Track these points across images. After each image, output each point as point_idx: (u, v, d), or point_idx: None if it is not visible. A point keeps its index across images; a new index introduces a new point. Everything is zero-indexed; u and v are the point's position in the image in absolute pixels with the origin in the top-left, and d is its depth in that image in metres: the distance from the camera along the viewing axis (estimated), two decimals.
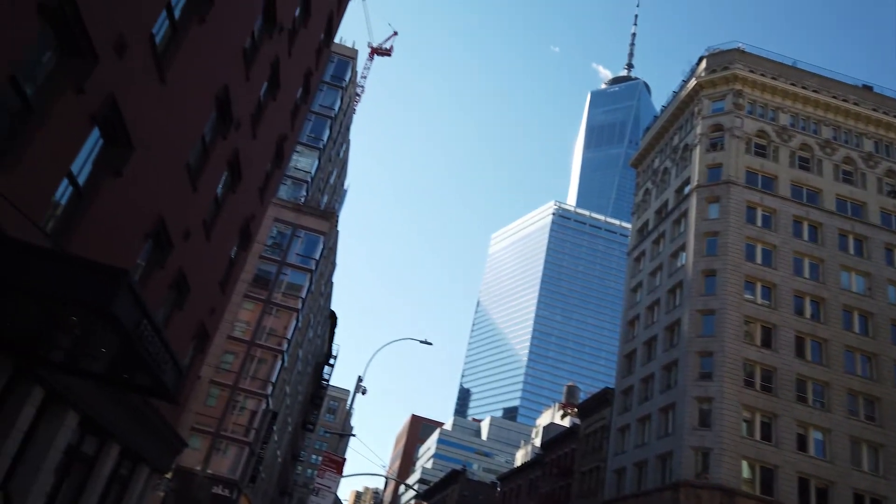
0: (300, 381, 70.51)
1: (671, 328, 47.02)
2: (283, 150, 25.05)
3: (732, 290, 43.92)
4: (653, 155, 62.74)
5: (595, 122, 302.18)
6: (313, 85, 27.79)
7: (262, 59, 18.91)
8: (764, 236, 46.82)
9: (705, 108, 53.19)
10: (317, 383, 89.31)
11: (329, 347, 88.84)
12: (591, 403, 59.46)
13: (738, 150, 49.83)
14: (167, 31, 12.55)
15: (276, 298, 47.35)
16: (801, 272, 46.12)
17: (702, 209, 48.51)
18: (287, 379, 55.12)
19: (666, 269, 51.00)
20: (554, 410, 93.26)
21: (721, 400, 40.18)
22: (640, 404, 48.20)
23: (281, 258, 48.43)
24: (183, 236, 16.45)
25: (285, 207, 49.62)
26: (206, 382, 42.20)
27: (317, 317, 67.99)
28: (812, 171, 50.65)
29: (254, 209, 23.35)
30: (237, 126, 17.96)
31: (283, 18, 19.60)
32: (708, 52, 56.24)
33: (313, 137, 55.30)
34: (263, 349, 45.85)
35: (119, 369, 11.37)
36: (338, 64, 59.88)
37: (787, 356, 42.51)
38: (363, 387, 34.10)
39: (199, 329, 20.68)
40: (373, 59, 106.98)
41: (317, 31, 25.39)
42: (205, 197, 17.40)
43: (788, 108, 52.94)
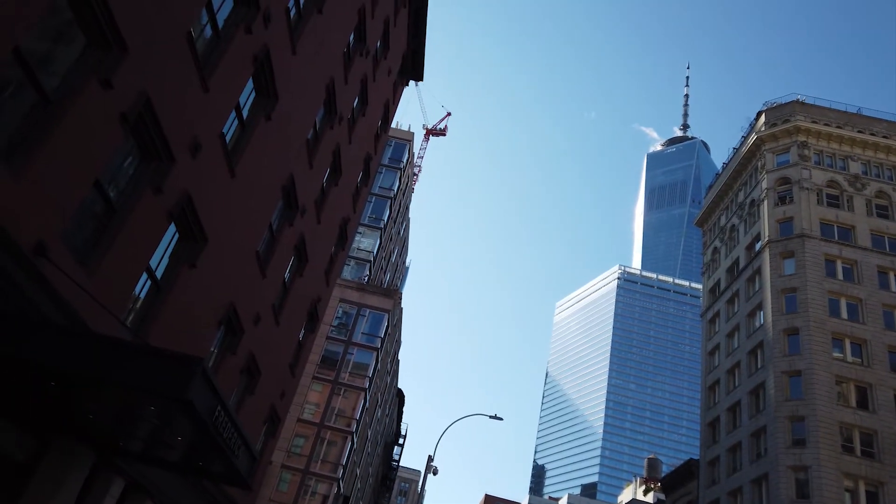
0: (370, 462, 69.60)
1: (755, 392, 44.34)
2: (346, 232, 25.77)
3: (819, 349, 41.32)
4: (718, 213, 61.24)
5: (654, 184, 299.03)
6: (373, 168, 28.79)
7: (325, 148, 19.80)
8: (847, 289, 44.29)
9: (769, 162, 51.95)
10: (387, 464, 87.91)
11: (398, 427, 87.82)
12: (675, 477, 56.04)
13: (808, 202, 48.07)
14: (236, 129, 13.37)
15: (343, 378, 47.56)
16: (893, 326, 43.11)
17: (776, 265, 46.55)
18: (357, 461, 54.51)
19: (744, 329, 48.66)
20: (636, 486, 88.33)
21: (818, 469, 37.10)
22: (728, 476, 45.03)
23: (347, 338, 48.94)
24: (253, 322, 16.90)
25: (350, 287, 50.57)
26: (277, 467, 42.18)
27: (384, 395, 67.71)
28: (892, 219, 48.13)
29: (320, 291, 23.87)
30: (302, 212, 18.65)
31: (342, 109, 20.61)
32: (766, 107, 55.46)
33: (374, 218, 56.82)
34: (333, 431, 45.72)
35: (194, 457, 11.51)
36: (395, 147, 62.07)
37: (888, 417, 39.18)
38: (434, 466, 33.28)
39: (270, 413, 20.87)
40: (428, 139, 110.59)
41: (374, 118, 26.53)
42: (273, 282, 17.94)
43: (858, 155, 51.09)
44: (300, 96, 16.47)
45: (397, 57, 27.85)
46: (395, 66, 27.88)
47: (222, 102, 12.25)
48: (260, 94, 14.13)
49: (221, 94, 12.08)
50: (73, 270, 8.95)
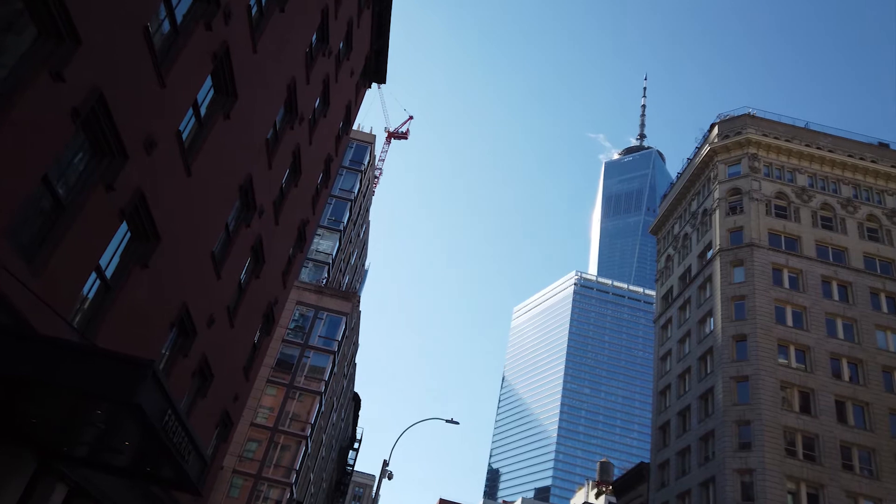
0: (324, 467, 68.84)
1: (705, 397, 45.54)
2: (304, 233, 25.49)
3: (765, 355, 42.71)
4: (672, 221, 62.76)
5: (611, 192, 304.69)
6: (333, 170, 28.56)
7: (284, 149, 19.56)
8: (793, 298, 45.90)
9: (721, 173, 53.50)
10: (341, 469, 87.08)
11: (353, 431, 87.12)
12: (627, 480, 57.07)
13: (758, 213, 49.68)
14: (193, 127, 13.10)
15: (298, 382, 46.94)
16: (835, 333, 44.85)
17: (726, 273, 47.95)
18: (311, 466, 53.84)
19: (695, 335, 49.95)
20: (588, 489, 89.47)
21: (763, 472, 38.31)
22: (677, 479, 46.10)
23: (303, 341, 48.34)
24: (207, 323, 16.56)
25: (307, 290, 50.00)
26: (228, 472, 41.34)
27: (340, 399, 67.10)
28: (836, 230, 50.13)
29: (277, 293, 23.54)
30: (260, 213, 18.38)
31: (303, 109, 20.40)
32: (719, 119, 57.12)
33: (334, 220, 56.36)
34: (287, 435, 45.07)
35: (143, 462, 11.21)
36: (356, 149, 61.72)
37: (829, 422, 40.73)
38: (389, 471, 33.13)
39: (222, 417, 20.45)
40: (390, 142, 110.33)
41: (336, 119, 26.34)
42: (229, 283, 17.61)
43: (805, 168, 53.05)
44: (260, 95, 16.24)
45: (360, 58, 27.73)
46: (357, 68, 27.74)
47: (179, 99, 11.99)
48: (219, 91, 13.88)
49: (179, 91, 11.83)
50: (18, 269, 8.62)
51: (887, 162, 53.79)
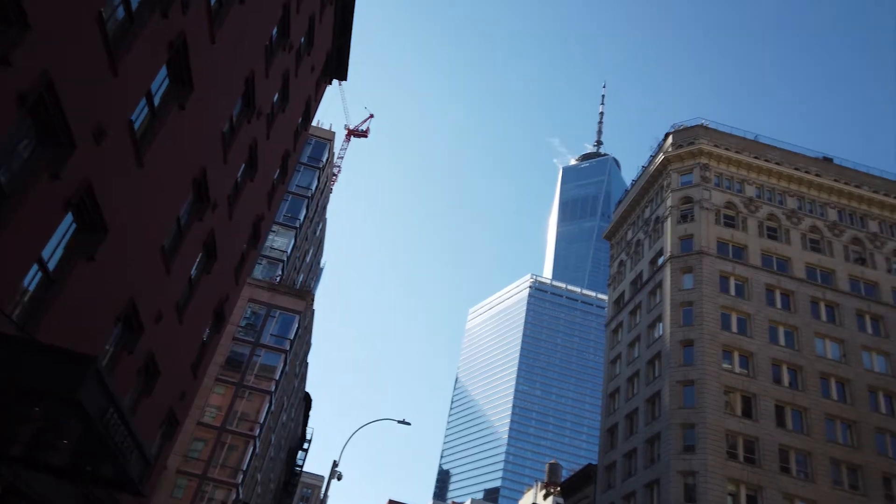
0: (272, 467, 67.80)
1: (652, 400, 46.62)
2: (259, 230, 25.08)
3: (710, 360, 43.99)
4: (625, 227, 64.06)
5: (568, 197, 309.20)
6: (291, 166, 28.19)
7: (241, 143, 19.21)
8: (738, 305, 47.41)
9: (674, 182, 54.90)
10: (290, 470, 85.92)
11: (303, 431, 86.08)
12: (574, 481, 57.94)
13: (708, 222, 51.15)
14: (146, 117, 12.76)
15: (248, 381, 46.09)
16: (777, 340, 46.51)
17: (676, 279, 49.20)
18: (259, 466, 52.96)
19: (644, 340, 51.09)
20: (536, 490, 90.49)
21: (705, 474, 39.44)
22: (623, 481, 47.06)
23: (255, 339, 47.50)
24: (154, 319, 16.13)
25: (260, 287, 49.17)
26: (172, 473, 40.31)
27: (290, 399, 66.20)
28: (780, 241, 52.02)
29: (228, 290, 23.10)
30: (214, 207, 18.01)
31: (261, 104, 20.08)
32: (674, 129, 58.60)
33: (290, 217, 55.56)
34: (234, 435, 44.20)
35: (82, 461, 10.85)
36: (315, 145, 61.01)
37: (769, 426, 42.21)
38: (339, 472, 32.81)
39: (167, 416, 19.96)
40: (349, 140, 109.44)
41: (295, 115, 26.01)
42: (179, 279, 17.20)
43: (753, 180, 54.89)
44: (217, 87, 15.92)
45: (321, 54, 27.45)
46: (318, 64, 27.45)
47: (132, 88, 11.66)
48: (174, 82, 13.55)
49: (132, 80, 11.50)
50: None
51: (830, 176, 56.11)
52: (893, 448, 43.27)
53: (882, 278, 51.35)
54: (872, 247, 53.06)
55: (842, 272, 51.00)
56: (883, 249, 53.15)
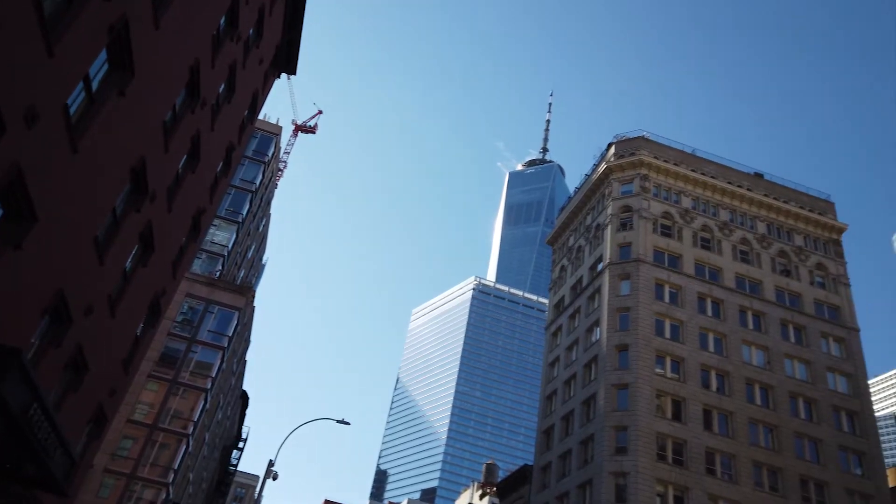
0: (205, 466, 66.05)
1: (587, 403, 47.74)
2: (199, 223, 24.45)
3: (644, 364, 45.39)
4: (567, 233, 65.41)
5: (513, 202, 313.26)
6: (235, 159, 27.59)
7: (183, 133, 18.70)
8: (672, 312, 49.09)
9: (615, 191, 56.41)
10: (223, 469, 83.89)
11: (239, 430, 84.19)
12: (510, 482, 58.72)
13: (646, 230, 52.79)
14: (83, 102, 12.29)
15: (183, 378, 44.77)
16: (707, 346, 48.41)
17: (614, 286, 50.55)
18: (191, 465, 51.50)
19: (582, 343, 52.27)
20: (473, 490, 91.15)
21: (636, 475, 40.67)
22: (558, 481, 48.02)
23: (191, 335, 46.19)
24: (84, 312, 15.53)
25: (199, 282, 47.85)
26: (99, 471, 38.78)
27: (227, 397, 64.65)
28: (713, 251, 54.17)
29: (165, 284, 22.43)
30: (152, 198, 17.48)
31: (206, 94, 19.60)
32: (616, 139, 60.21)
33: (232, 211, 54.28)
34: (167, 433, 42.86)
35: (2, 459, 10.37)
36: (261, 139, 59.82)
37: (697, 429, 43.88)
38: (274, 471, 32.26)
39: (96, 412, 19.23)
40: (297, 135, 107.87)
41: (241, 107, 25.47)
42: (112, 271, 16.61)
43: (690, 191, 56.97)
44: (160, 75, 15.46)
45: (271, 47, 26.99)
46: (267, 57, 26.98)
47: (69, 71, 11.21)
48: (114, 67, 13.10)
49: (68, 62, 11.06)
50: None
51: (760, 191, 58.80)
52: (810, 452, 45.69)
53: (805, 290, 54.14)
54: (797, 260, 55.88)
55: (769, 283, 53.50)
56: (807, 263, 56.03)
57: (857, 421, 48.15)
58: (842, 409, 48.27)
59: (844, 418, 48.04)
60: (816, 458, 45.42)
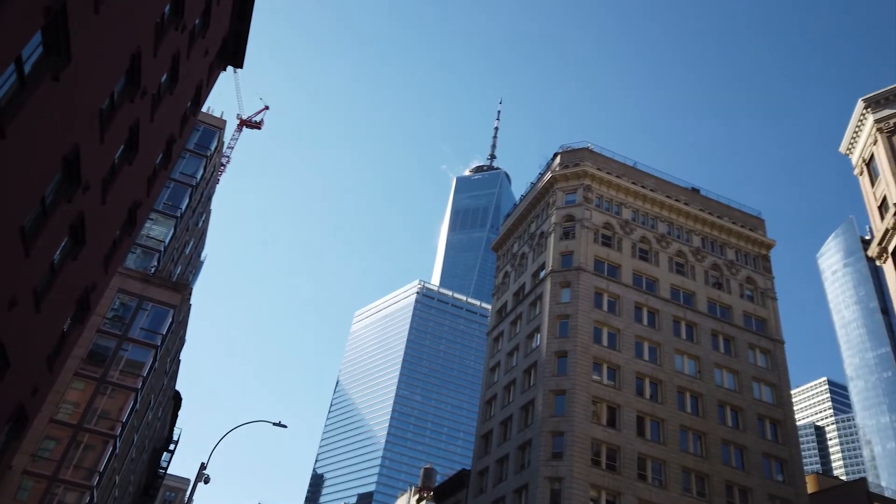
0: (133, 469, 63.63)
1: (526, 408, 48.35)
2: (135, 216, 23.60)
3: (582, 371, 46.33)
4: (512, 240, 66.21)
5: (460, 206, 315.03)
6: (175, 152, 26.77)
7: (121, 122, 18.03)
8: (610, 320, 50.31)
9: (559, 200, 57.47)
10: (152, 472, 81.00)
11: (170, 432, 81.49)
12: (447, 486, 58.87)
13: (587, 240, 53.98)
14: (14, 85, 11.71)
15: (112, 377, 42.99)
16: (642, 355, 49.82)
17: (555, 293, 51.45)
18: (118, 467, 49.52)
19: (522, 349, 52.93)
20: (410, 494, 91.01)
21: (570, 480, 41.43)
22: (495, 486, 48.42)
23: (122, 332, 44.44)
24: (7, 305, 14.76)
25: (132, 277, 46.10)
26: (18, 473, 36.81)
27: (158, 397, 62.50)
28: (650, 262, 55.84)
29: (96, 278, 21.54)
30: (85, 189, 16.77)
31: (147, 83, 18.96)
32: (562, 149, 61.39)
33: (170, 205, 52.56)
34: (92, 434, 41.05)
35: None
36: (204, 132, 58.21)
37: (630, 435, 45.06)
38: (206, 474, 31.35)
39: (15, 411, 18.29)
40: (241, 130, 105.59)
41: (184, 98, 24.75)
42: (39, 263, 15.85)
43: (630, 203, 58.59)
44: (98, 61, 14.87)
45: (217, 39, 26.34)
46: (213, 48, 26.32)
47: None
48: (49, 51, 12.53)
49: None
50: None
51: (696, 205, 61.02)
52: (736, 458, 47.59)
53: (735, 302, 56.44)
54: (729, 273, 58.20)
55: (701, 295, 55.52)
56: (738, 276, 58.44)
57: (780, 429, 50.45)
58: (766, 418, 50.50)
59: (768, 427, 50.27)
60: (741, 465, 47.33)
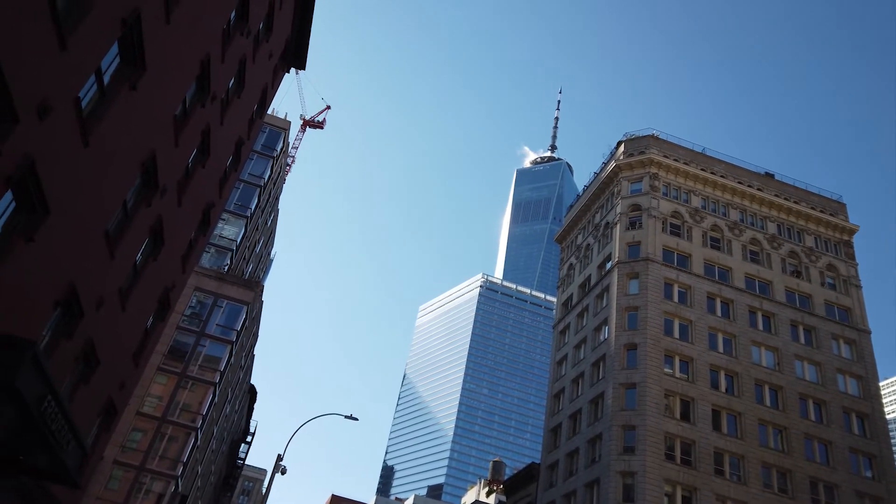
0: (213, 460, 66.40)
1: (595, 401, 47.59)
2: (209, 217, 24.50)
3: (653, 364, 45.19)
4: (576, 231, 65.17)
5: (521, 199, 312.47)
6: (244, 154, 27.63)
7: (193, 127, 18.72)
8: (681, 311, 48.83)
9: (624, 189, 56.13)
10: (231, 463, 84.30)
11: (247, 424, 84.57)
12: (517, 480, 58.68)
13: (655, 230, 52.52)
14: (95, 95, 12.30)
15: (191, 371, 44.99)
16: (716, 347, 48.13)
17: (623, 284, 50.34)
18: (199, 458, 51.78)
19: (590, 342, 52.09)
20: (479, 487, 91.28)
21: (643, 474, 40.52)
22: (565, 480, 47.91)
23: (200, 329, 46.38)
24: (95, 305, 15.59)
25: (207, 276, 48.02)
26: (109, 463, 39.03)
27: (235, 391, 64.93)
28: (723, 251, 53.83)
29: (175, 278, 22.50)
30: (163, 192, 17.51)
31: (216, 88, 19.61)
32: (626, 137, 59.90)
33: (240, 206, 54.41)
34: (175, 426, 43.08)
35: (15, 450, 10.41)
36: (269, 134, 59.91)
37: (705, 429, 43.65)
38: (283, 466, 32.35)
39: (106, 405, 19.33)
40: (305, 130, 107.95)
41: (250, 101, 25.49)
42: (123, 264, 16.66)
43: (700, 191, 56.61)
44: (171, 69, 15.47)
45: (280, 42, 26.99)
46: (276, 51, 26.98)
47: (81, 64, 11.22)
48: (126, 60, 13.10)
49: (81, 56, 11.07)
50: None
51: (771, 191, 58.36)
52: (820, 454, 45.38)
53: (816, 291, 53.72)
54: (808, 261, 55.45)
55: (778, 284, 53.12)
56: (817, 264, 55.60)
57: (868, 423, 47.78)
58: (852, 412, 47.91)
59: (855, 420, 47.68)
60: (826, 460, 45.13)
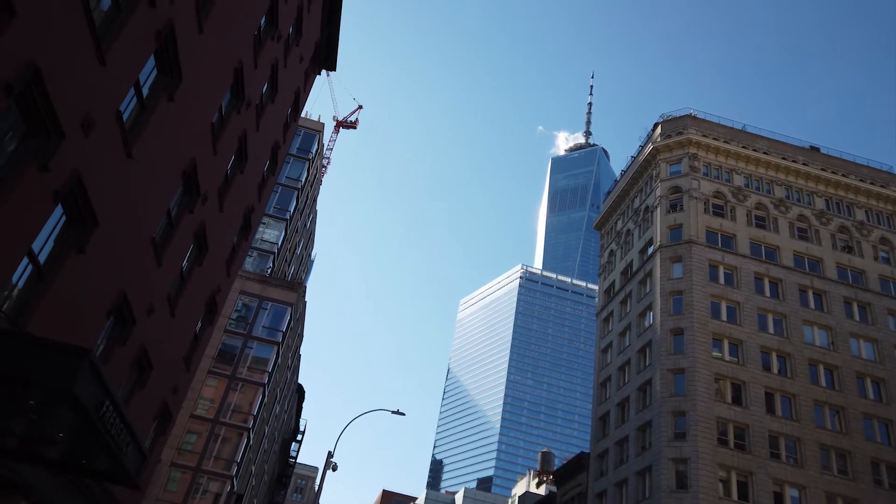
0: (266, 459, 67.84)
1: (643, 388, 46.94)
2: (250, 221, 24.96)
3: (701, 348, 44.31)
4: (615, 217, 64.24)
5: (557, 187, 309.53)
6: (280, 157, 28.03)
7: (230, 133, 19.07)
8: (727, 293, 47.74)
9: (663, 172, 55.05)
10: (283, 461, 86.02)
11: (296, 423, 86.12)
12: (567, 469, 58.35)
13: (696, 211, 51.39)
14: (135, 108, 12.63)
15: (241, 373, 46.01)
16: (766, 328, 46.91)
17: (666, 269, 49.44)
18: (252, 458, 52.95)
19: (634, 328, 51.36)
20: (529, 479, 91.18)
21: (696, 460, 39.83)
22: (616, 468, 47.44)
23: (246, 331, 47.37)
24: (146, 312, 16.04)
25: (251, 279, 48.98)
26: (166, 465, 40.24)
27: (283, 391, 66.16)
28: (769, 229, 52.37)
29: (220, 282, 22.99)
30: (204, 199, 17.89)
31: (250, 94, 19.93)
32: (662, 119, 58.71)
33: (280, 209, 55.32)
34: (228, 427, 44.15)
35: (77, 454, 10.80)
36: (304, 137, 60.69)
37: (759, 412, 42.64)
38: (334, 462, 32.82)
39: (161, 409, 19.90)
40: (338, 131, 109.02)
41: (284, 105, 25.84)
42: (170, 271, 17.10)
43: (742, 169, 55.15)
44: (206, 78, 15.77)
45: (310, 45, 27.25)
46: (307, 54, 27.26)
47: (120, 78, 11.53)
48: (162, 72, 13.41)
49: (120, 70, 11.37)
50: None
51: (817, 165, 56.48)
52: (881, 433, 43.88)
53: (869, 266, 51.86)
54: (859, 235, 53.54)
55: (829, 260, 51.45)
56: (869, 237, 53.64)
57: None
58: None
59: None
60: (888, 440, 43.62)
